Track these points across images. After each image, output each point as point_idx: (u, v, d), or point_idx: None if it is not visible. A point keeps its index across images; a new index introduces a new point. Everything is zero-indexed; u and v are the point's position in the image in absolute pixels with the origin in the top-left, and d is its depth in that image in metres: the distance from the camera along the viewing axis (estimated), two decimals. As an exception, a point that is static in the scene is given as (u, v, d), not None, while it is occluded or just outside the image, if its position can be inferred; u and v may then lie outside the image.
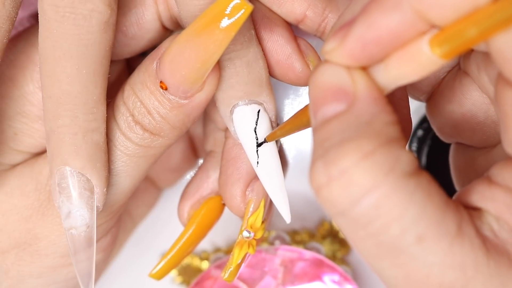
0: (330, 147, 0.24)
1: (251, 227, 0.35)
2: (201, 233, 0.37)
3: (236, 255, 0.35)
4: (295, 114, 0.31)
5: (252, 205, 0.35)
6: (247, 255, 0.35)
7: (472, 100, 0.31)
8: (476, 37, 0.23)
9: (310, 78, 0.27)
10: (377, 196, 0.23)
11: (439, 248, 0.24)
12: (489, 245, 0.25)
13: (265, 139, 0.33)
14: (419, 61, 0.25)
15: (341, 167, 0.24)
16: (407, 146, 0.44)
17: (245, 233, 0.35)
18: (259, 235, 0.35)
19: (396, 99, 0.30)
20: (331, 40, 0.26)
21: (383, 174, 0.23)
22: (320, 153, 0.24)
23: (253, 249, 0.35)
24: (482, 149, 0.32)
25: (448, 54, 0.24)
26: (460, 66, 0.32)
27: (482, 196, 0.26)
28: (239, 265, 0.35)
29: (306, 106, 0.29)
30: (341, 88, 0.25)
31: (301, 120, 0.30)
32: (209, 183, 0.37)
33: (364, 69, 0.26)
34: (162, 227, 0.47)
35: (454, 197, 0.27)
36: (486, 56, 0.29)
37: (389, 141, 0.24)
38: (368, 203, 0.24)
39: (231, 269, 0.35)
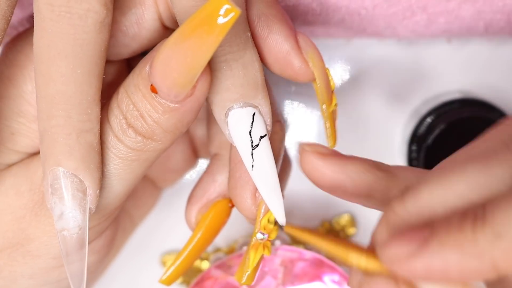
0: None
1: (264, 229, 0.34)
2: (210, 237, 0.37)
3: (252, 258, 0.34)
4: (333, 241, 0.28)
5: (263, 207, 0.34)
6: (263, 257, 0.35)
7: None
8: None
9: None
10: None
11: None
12: None
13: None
14: None
15: None
16: (407, 146, 0.44)
17: (259, 235, 0.34)
18: (273, 236, 0.34)
19: None
20: (403, 244, 0.24)
21: None
22: None
23: (269, 250, 0.34)
24: None
25: None
26: None
27: None
28: (256, 268, 0.34)
29: (348, 245, 0.27)
30: None
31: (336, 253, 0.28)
32: (216, 186, 0.37)
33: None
34: (161, 228, 0.47)
35: None
36: None
37: None
38: None
39: (248, 272, 0.34)
